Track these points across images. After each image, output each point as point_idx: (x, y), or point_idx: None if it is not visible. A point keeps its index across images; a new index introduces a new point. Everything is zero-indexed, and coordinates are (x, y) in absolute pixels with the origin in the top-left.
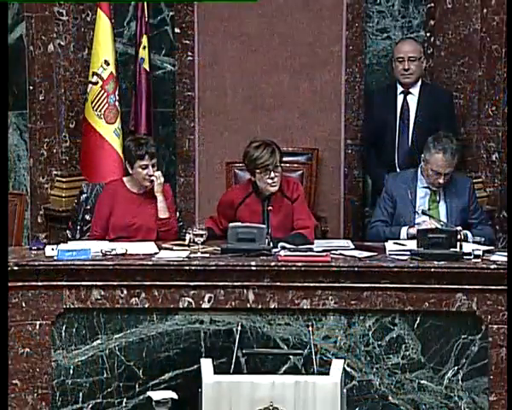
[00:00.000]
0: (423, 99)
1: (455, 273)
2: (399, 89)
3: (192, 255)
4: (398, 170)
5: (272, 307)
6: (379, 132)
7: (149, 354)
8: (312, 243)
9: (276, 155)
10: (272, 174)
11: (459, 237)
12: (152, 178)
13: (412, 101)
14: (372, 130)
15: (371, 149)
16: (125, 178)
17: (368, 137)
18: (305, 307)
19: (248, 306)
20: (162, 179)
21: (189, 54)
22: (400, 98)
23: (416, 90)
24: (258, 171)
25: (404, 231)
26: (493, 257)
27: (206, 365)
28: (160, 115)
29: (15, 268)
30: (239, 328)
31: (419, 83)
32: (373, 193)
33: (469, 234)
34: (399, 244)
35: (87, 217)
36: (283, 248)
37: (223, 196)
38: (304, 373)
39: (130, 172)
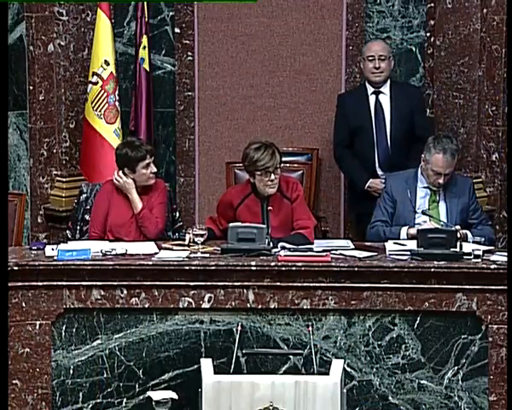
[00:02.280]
0: (395, 97)
1: (455, 273)
2: (370, 89)
3: (192, 255)
4: (378, 170)
5: (272, 307)
6: (355, 135)
7: (149, 354)
8: (312, 243)
9: (276, 157)
10: (272, 176)
11: (459, 236)
12: (153, 177)
13: (385, 100)
14: (347, 133)
15: (345, 151)
16: None
17: (342, 140)
18: (305, 307)
19: (248, 306)
20: (121, 180)
21: (189, 54)
22: (372, 98)
23: (386, 90)
24: (258, 173)
25: (404, 231)
26: (493, 257)
27: (206, 365)
28: (159, 115)
29: (15, 268)
30: (239, 328)
31: (388, 82)
32: (351, 195)
33: (469, 234)
34: (399, 244)
35: (87, 217)
36: (283, 248)
37: (222, 197)
38: (304, 373)
39: (132, 177)
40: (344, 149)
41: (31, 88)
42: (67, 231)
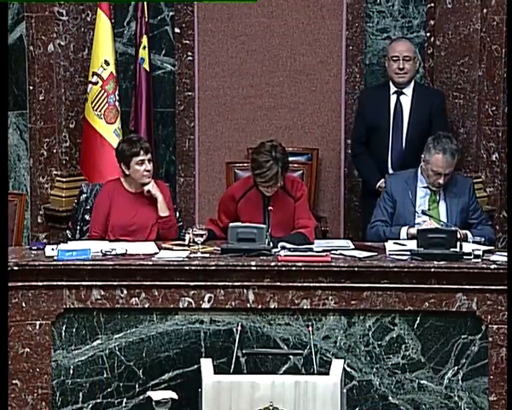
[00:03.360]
0: (416, 99)
1: (455, 273)
2: (392, 89)
3: (192, 255)
4: (390, 170)
5: (272, 307)
6: (371, 132)
7: (149, 354)
8: (312, 243)
9: (278, 176)
10: (269, 190)
11: (459, 236)
12: (148, 175)
13: (406, 101)
14: (364, 129)
15: (362, 148)
16: (122, 178)
17: (359, 136)
18: (305, 307)
19: (248, 306)
20: (153, 184)
21: (189, 54)
22: (393, 98)
23: (409, 91)
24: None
25: (404, 231)
26: (493, 257)
27: (206, 365)
28: (159, 115)
29: (15, 268)
30: (239, 328)
31: (412, 83)
32: (364, 193)
33: (469, 234)
34: (399, 244)
35: (87, 217)
36: (283, 248)
37: (224, 194)
38: (304, 373)
39: (127, 172)
40: (361, 146)
41: (31, 88)
42: (67, 231)
